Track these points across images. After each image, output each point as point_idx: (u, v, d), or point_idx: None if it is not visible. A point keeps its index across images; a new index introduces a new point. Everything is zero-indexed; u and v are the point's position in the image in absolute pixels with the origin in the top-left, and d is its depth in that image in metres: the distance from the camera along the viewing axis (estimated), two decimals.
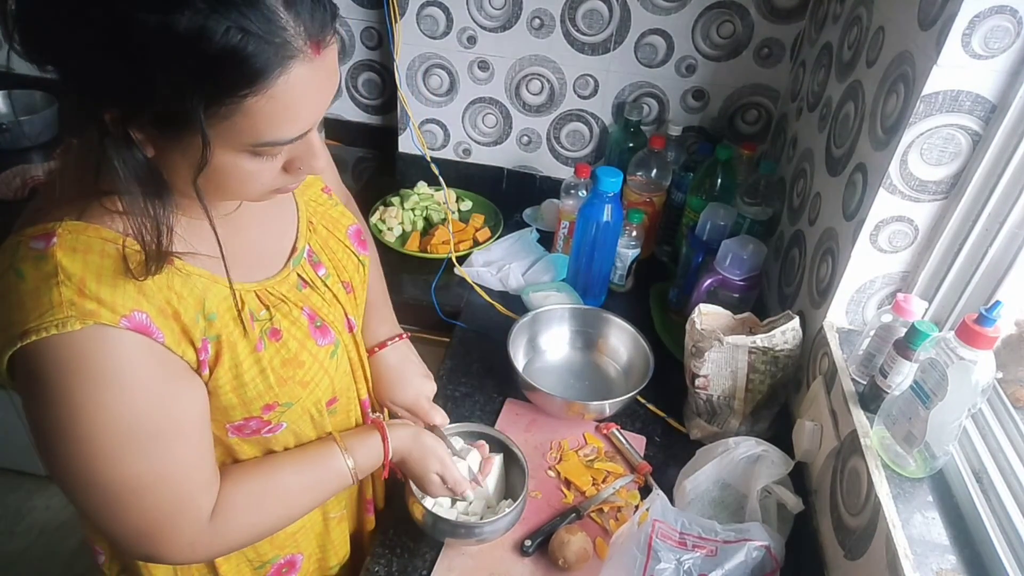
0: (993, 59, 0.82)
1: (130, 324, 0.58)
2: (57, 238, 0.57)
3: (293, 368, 0.72)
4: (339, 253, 0.84)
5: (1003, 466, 0.81)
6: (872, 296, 1.03)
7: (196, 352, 0.64)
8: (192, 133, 0.53)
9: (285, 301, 0.73)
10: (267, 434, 0.75)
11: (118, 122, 0.53)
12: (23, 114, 1.82)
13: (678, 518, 0.88)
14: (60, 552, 1.93)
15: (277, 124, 0.55)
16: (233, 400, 0.69)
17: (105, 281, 0.57)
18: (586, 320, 1.28)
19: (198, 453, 0.67)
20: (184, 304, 0.63)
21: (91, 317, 0.56)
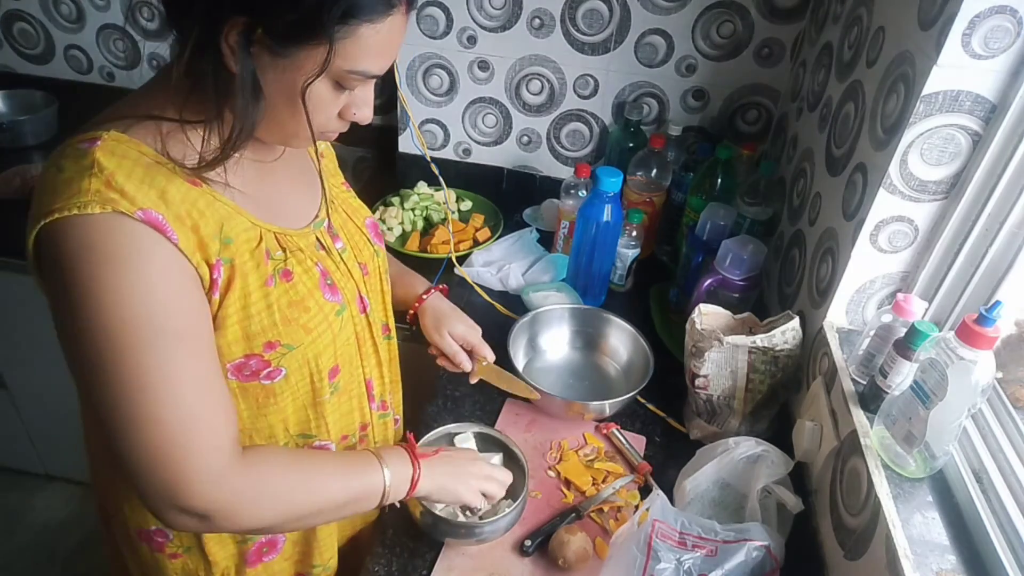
0: (993, 59, 0.82)
1: (145, 217, 0.61)
2: (101, 142, 0.62)
3: (299, 311, 0.74)
4: (356, 237, 0.88)
5: (1003, 466, 0.81)
6: (872, 296, 1.03)
7: (210, 269, 0.66)
8: (313, 46, 0.61)
9: (302, 251, 0.76)
10: (266, 380, 0.75)
11: (243, 30, 0.59)
12: (23, 114, 1.82)
13: (678, 518, 0.88)
14: (60, 552, 1.93)
15: (372, 57, 0.65)
16: (237, 333, 0.70)
17: (132, 179, 0.61)
18: (586, 320, 1.28)
19: (211, 368, 0.67)
20: (204, 221, 0.66)
21: (111, 204, 0.60)
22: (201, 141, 0.65)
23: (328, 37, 0.60)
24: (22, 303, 1.60)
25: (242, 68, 0.61)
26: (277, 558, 0.89)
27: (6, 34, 1.88)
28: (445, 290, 1.09)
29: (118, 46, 1.84)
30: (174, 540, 0.82)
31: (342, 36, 0.61)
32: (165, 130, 0.65)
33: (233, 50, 0.60)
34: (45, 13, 1.82)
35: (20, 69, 1.94)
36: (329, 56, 0.61)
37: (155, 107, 0.66)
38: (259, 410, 0.77)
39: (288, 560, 0.90)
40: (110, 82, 1.90)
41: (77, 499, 2.04)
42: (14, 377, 1.78)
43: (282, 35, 0.60)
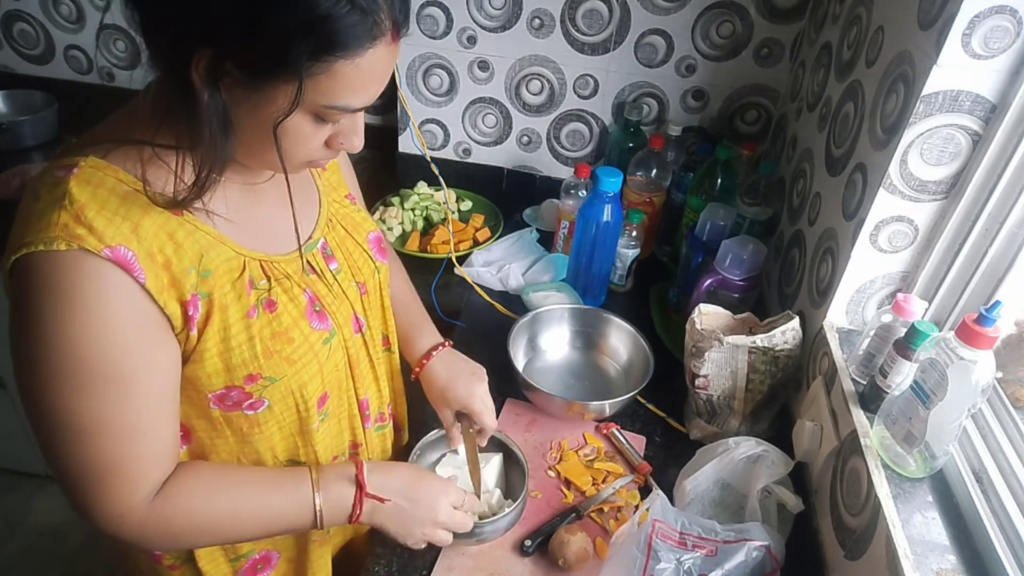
0: (993, 59, 0.82)
1: (112, 255, 0.59)
2: (77, 169, 0.61)
3: (282, 343, 0.72)
4: (355, 254, 0.85)
5: (1003, 466, 0.81)
6: (872, 296, 1.03)
7: (183, 307, 0.65)
8: (283, 82, 0.58)
9: (288, 278, 0.74)
10: (249, 410, 0.74)
11: (211, 62, 0.57)
12: (23, 114, 1.82)
13: (678, 518, 0.88)
14: (60, 552, 1.93)
15: (351, 92, 0.61)
16: (218, 365, 0.69)
17: (103, 213, 0.60)
18: (586, 320, 1.28)
19: (155, 418, 0.67)
20: (180, 254, 0.64)
21: (76, 240, 0.58)
22: (176, 168, 0.63)
23: (297, 74, 0.57)
24: None
25: (210, 102, 0.58)
26: (272, 574, 0.89)
27: (6, 34, 1.88)
28: (447, 345, 1.02)
29: (118, 46, 1.84)
30: (171, 553, 0.82)
31: (315, 72, 0.58)
32: (146, 156, 0.63)
33: (202, 80, 0.57)
34: (45, 13, 1.82)
35: (20, 69, 1.94)
36: (299, 94, 0.58)
37: (136, 130, 0.64)
38: (244, 438, 0.77)
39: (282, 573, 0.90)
40: (110, 82, 1.90)
41: None
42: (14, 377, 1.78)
43: (249, 69, 0.58)
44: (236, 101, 0.60)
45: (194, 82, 0.57)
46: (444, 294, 1.43)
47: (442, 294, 1.42)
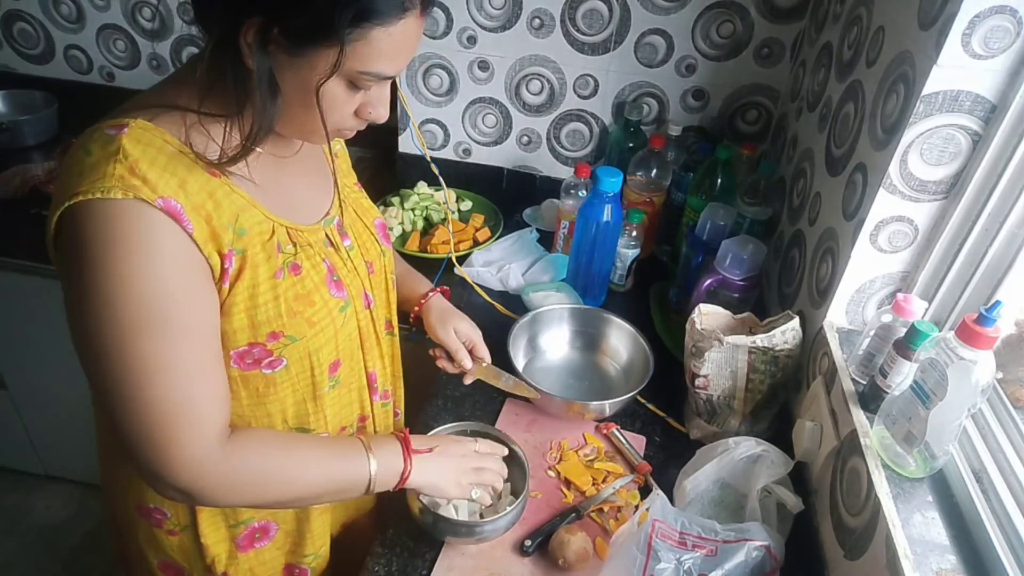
0: (993, 59, 0.82)
1: (165, 205, 0.63)
2: (128, 129, 0.64)
3: (304, 304, 0.76)
4: (364, 236, 0.90)
5: (1003, 466, 0.81)
6: (872, 296, 1.03)
7: (222, 259, 0.68)
8: (325, 47, 0.63)
9: (311, 246, 0.78)
10: (267, 369, 0.77)
11: (260, 29, 0.61)
12: (23, 114, 1.82)
13: (678, 518, 0.88)
14: (60, 552, 1.93)
15: (385, 59, 0.66)
16: (244, 321, 0.72)
17: (154, 168, 0.64)
18: (586, 320, 1.28)
19: (208, 359, 0.70)
20: (219, 211, 0.68)
21: (133, 191, 0.62)
22: (222, 134, 0.68)
23: (339, 39, 0.62)
24: (22, 303, 1.60)
25: (259, 66, 0.63)
26: (269, 546, 0.89)
27: (6, 34, 1.88)
28: (447, 292, 1.10)
29: (118, 46, 1.84)
30: (172, 518, 0.84)
31: (354, 39, 0.63)
32: (189, 121, 0.67)
33: (251, 48, 0.62)
34: (45, 13, 1.82)
35: (20, 69, 1.94)
36: (340, 58, 0.63)
37: (181, 98, 0.68)
38: (259, 399, 0.79)
39: (280, 549, 0.91)
40: (110, 82, 1.90)
41: (77, 499, 2.04)
42: (14, 377, 1.78)
43: (296, 35, 0.62)
44: (280, 67, 0.64)
45: (243, 49, 0.62)
46: None
47: None
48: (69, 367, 1.66)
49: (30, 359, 1.73)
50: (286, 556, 0.92)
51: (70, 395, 1.72)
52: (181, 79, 0.71)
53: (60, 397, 1.75)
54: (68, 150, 0.67)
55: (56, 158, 1.66)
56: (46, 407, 1.82)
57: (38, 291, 1.56)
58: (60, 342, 1.62)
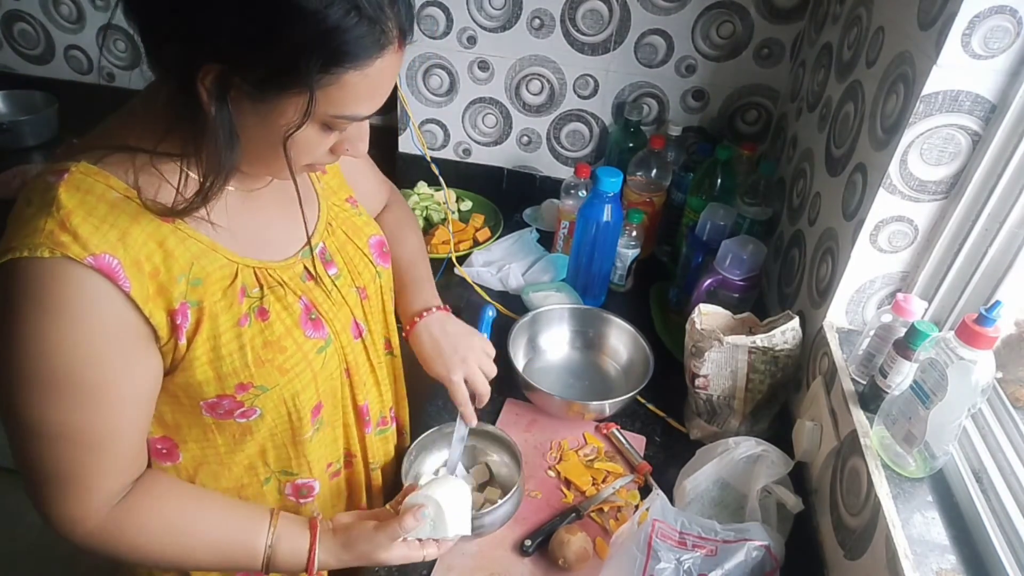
0: (993, 59, 0.82)
1: (96, 263, 0.59)
2: (68, 175, 0.60)
3: (274, 352, 0.72)
4: (356, 259, 0.85)
5: (1003, 466, 0.81)
6: (872, 296, 1.03)
7: (171, 316, 0.64)
8: (293, 94, 0.58)
9: (283, 285, 0.74)
10: (241, 419, 0.74)
11: (218, 76, 0.56)
12: (23, 114, 1.82)
13: (678, 518, 0.88)
14: (60, 552, 1.93)
15: (360, 101, 0.61)
16: (208, 374, 0.68)
17: (90, 220, 0.59)
18: (586, 320, 1.28)
19: (122, 429, 0.66)
20: (169, 262, 0.64)
21: (60, 248, 0.58)
22: (178, 176, 0.63)
23: (308, 87, 0.57)
24: None
25: (217, 116, 0.58)
26: None
27: (6, 34, 1.88)
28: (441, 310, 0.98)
29: (118, 46, 1.84)
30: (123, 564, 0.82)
31: (325, 84, 0.58)
32: (139, 163, 0.62)
33: (209, 94, 0.57)
34: (45, 13, 1.82)
35: (20, 69, 1.94)
36: (310, 107, 0.58)
37: (131, 137, 0.63)
38: (236, 445, 0.77)
39: None
40: (110, 82, 1.90)
41: None
42: None
43: (259, 82, 0.57)
44: (243, 113, 0.60)
45: (200, 95, 0.57)
46: (444, 294, 1.40)
47: (442, 294, 1.41)
48: None
49: None
50: None
51: None
52: (131, 115, 0.66)
53: None
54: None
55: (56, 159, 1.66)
56: None
57: None
58: None
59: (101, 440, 0.65)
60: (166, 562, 0.75)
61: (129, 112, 0.67)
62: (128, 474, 0.70)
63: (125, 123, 0.66)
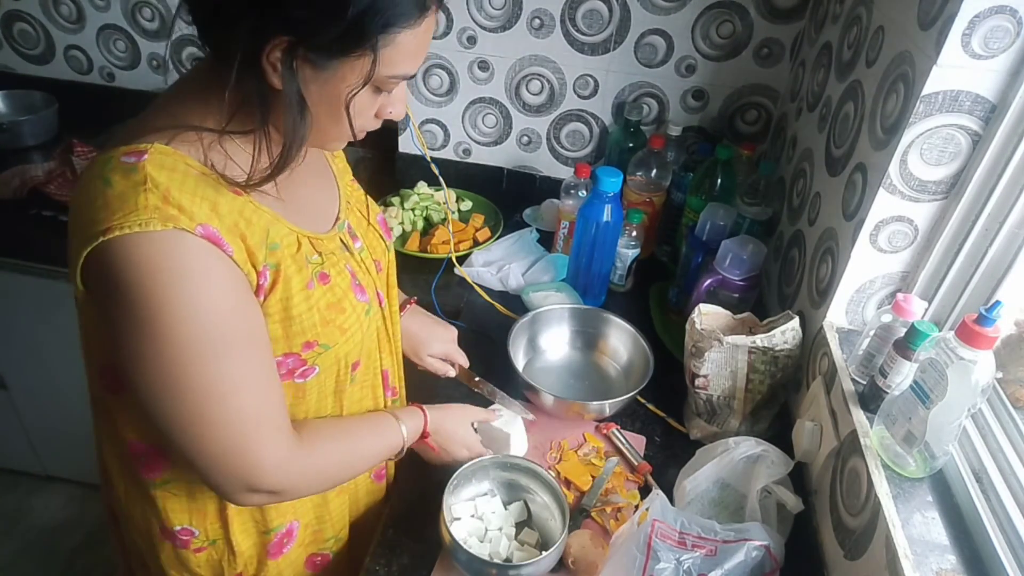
0: (993, 59, 0.82)
1: (204, 233, 0.63)
2: (148, 155, 0.62)
3: (336, 312, 0.77)
4: (369, 236, 0.90)
5: (1003, 466, 0.81)
6: (872, 296, 1.03)
7: (257, 275, 0.69)
8: (355, 58, 0.62)
9: (333, 253, 0.79)
10: (299, 378, 0.78)
11: (286, 50, 0.60)
12: (23, 114, 1.82)
13: (678, 518, 0.88)
14: (60, 552, 1.93)
15: (409, 60, 0.66)
16: (278, 332, 0.72)
17: (185, 193, 0.63)
18: (586, 320, 1.28)
19: (268, 367, 0.71)
20: (251, 230, 0.68)
21: (172, 221, 0.61)
22: (253, 153, 0.66)
23: (372, 48, 0.62)
24: (22, 303, 1.60)
25: (288, 86, 0.62)
26: (294, 546, 0.90)
27: (6, 34, 1.88)
28: (413, 301, 1.11)
29: (118, 46, 1.84)
30: (199, 536, 0.84)
31: (383, 45, 0.62)
32: (206, 141, 0.66)
33: (275, 67, 0.60)
34: (45, 13, 1.82)
35: (20, 69, 1.93)
36: (374, 66, 0.63)
37: (194, 117, 0.66)
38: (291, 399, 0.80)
39: (301, 545, 0.91)
40: (110, 82, 1.90)
41: (77, 500, 2.04)
42: (14, 377, 1.78)
43: (325, 50, 0.61)
44: (306, 81, 0.63)
45: (266, 70, 0.61)
46: (444, 294, 1.43)
47: (442, 294, 1.43)
48: (69, 367, 1.66)
49: (30, 359, 1.73)
50: (307, 548, 0.93)
51: (70, 395, 1.72)
52: (187, 96, 0.69)
53: (60, 397, 1.75)
54: (80, 182, 0.65)
55: (56, 158, 1.65)
56: (46, 407, 1.82)
57: (38, 291, 1.56)
58: (60, 342, 1.64)
59: (268, 377, 0.71)
60: (345, 476, 0.85)
61: (181, 95, 0.70)
62: (287, 407, 0.75)
63: (180, 105, 0.68)
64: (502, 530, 0.92)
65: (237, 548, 0.85)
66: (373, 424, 0.88)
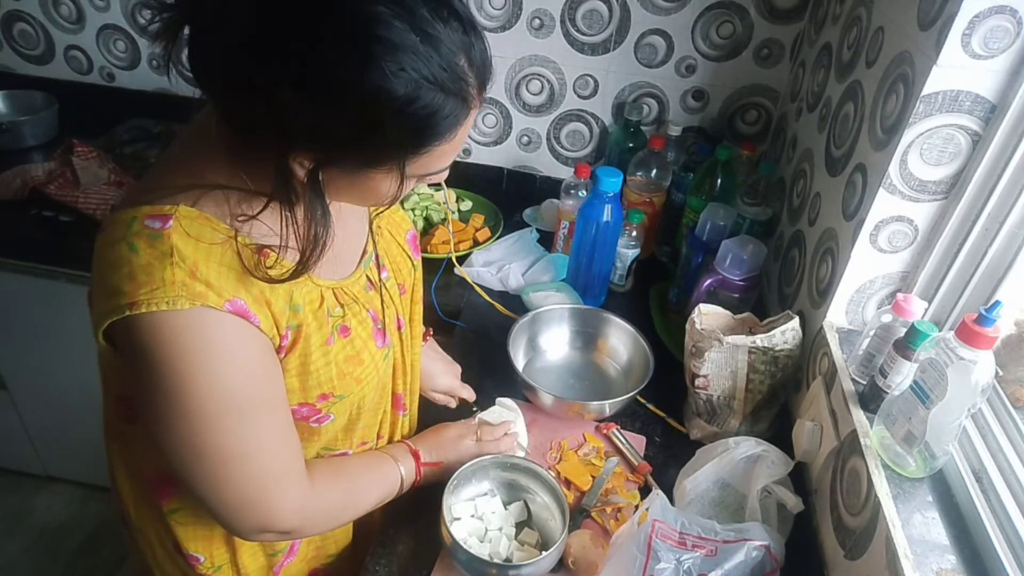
0: (993, 59, 0.82)
1: (232, 308, 0.63)
2: (173, 220, 0.60)
3: (354, 365, 0.77)
4: (397, 257, 0.89)
5: (1003, 466, 0.81)
6: (872, 296, 1.03)
7: (280, 338, 0.69)
8: (384, 172, 0.61)
9: (356, 301, 0.78)
10: (314, 424, 0.78)
11: (313, 161, 0.58)
12: (23, 114, 1.82)
13: (678, 518, 0.88)
14: (60, 552, 1.93)
15: (445, 159, 0.64)
16: (295, 385, 0.73)
17: (212, 267, 0.62)
18: (586, 320, 1.28)
19: (289, 423, 0.73)
20: (275, 295, 0.67)
21: (199, 299, 0.60)
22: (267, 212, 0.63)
23: (400, 170, 0.60)
24: (22, 303, 1.60)
25: (311, 199, 0.61)
26: (295, 560, 0.91)
27: (6, 34, 1.88)
28: (429, 333, 1.10)
29: (118, 46, 1.84)
30: (204, 563, 0.84)
31: (414, 159, 0.61)
32: (233, 201, 0.64)
33: (302, 166, 0.59)
34: (45, 14, 1.82)
35: (20, 69, 1.94)
36: (401, 184, 0.62)
37: (221, 177, 0.63)
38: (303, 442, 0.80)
39: (303, 560, 0.92)
40: (110, 82, 1.90)
41: (78, 500, 2.05)
42: (14, 377, 1.78)
43: (352, 167, 0.60)
44: (334, 181, 0.62)
45: (293, 169, 0.59)
46: (444, 294, 1.43)
47: (442, 294, 1.43)
48: (69, 367, 1.67)
49: (30, 359, 1.73)
50: (309, 563, 0.94)
51: (70, 395, 1.72)
52: (213, 151, 0.65)
53: (60, 397, 1.75)
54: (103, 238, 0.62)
55: (56, 159, 1.65)
56: (46, 407, 1.82)
57: (38, 291, 1.56)
58: (60, 342, 1.64)
59: (286, 432, 0.72)
60: (350, 516, 0.88)
61: (204, 148, 0.66)
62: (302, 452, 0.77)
63: (210, 160, 0.65)
64: (502, 530, 0.92)
65: (244, 571, 0.86)
66: (374, 466, 0.89)
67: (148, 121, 1.87)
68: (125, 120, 1.86)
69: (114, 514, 0.93)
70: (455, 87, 0.57)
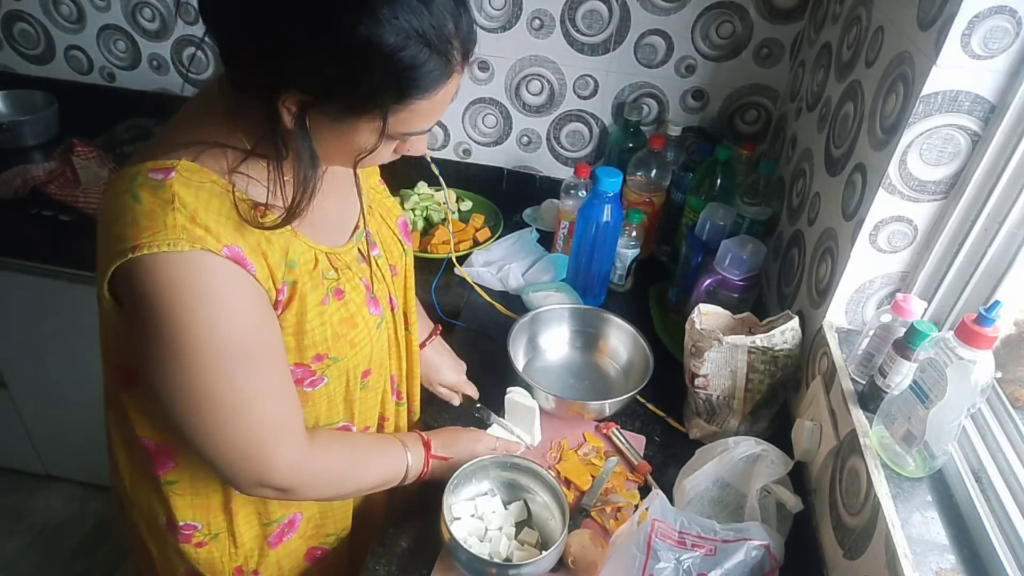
0: (992, 59, 0.82)
1: (230, 254, 0.65)
2: (175, 172, 0.64)
3: (348, 327, 0.79)
4: (388, 239, 0.92)
5: (1002, 466, 0.82)
6: (871, 296, 1.03)
7: (276, 292, 0.71)
8: (367, 120, 0.64)
9: (349, 268, 0.81)
10: (308, 387, 0.80)
11: (300, 105, 0.62)
12: (23, 114, 1.82)
13: (677, 517, 0.88)
14: (60, 552, 1.94)
15: (425, 119, 0.67)
16: (291, 343, 0.75)
17: (212, 215, 0.64)
18: (586, 320, 1.28)
19: (286, 377, 0.75)
20: (271, 248, 0.70)
21: (199, 242, 0.62)
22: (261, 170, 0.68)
23: (383, 117, 0.63)
24: (22, 303, 1.60)
25: (299, 141, 0.64)
26: (294, 536, 0.92)
27: (6, 34, 1.88)
28: (438, 330, 1.15)
29: (118, 46, 1.84)
30: (202, 530, 0.85)
31: (396, 111, 0.64)
32: (231, 158, 0.67)
33: (290, 112, 0.62)
34: (45, 13, 1.82)
35: (20, 69, 1.94)
36: (383, 131, 0.65)
37: (219, 134, 0.67)
38: None
39: (302, 537, 0.93)
40: (110, 82, 1.90)
41: (78, 499, 2.05)
42: (14, 377, 1.78)
43: (338, 111, 0.63)
44: (320, 130, 0.65)
45: (282, 115, 0.62)
46: (444, 294, 1.43)
47: (442, 294, 1.43)
48: (69, 367, 1.67)
49: (30, 359, 1.73)
50: (308, 541, 0.95)
51: (70, 395, 1.72)
52: (215, 112, 0.69)
53: (60, 397, 1.76)
54: (108, 194, 0.66)
55: (57, 158, 1.65)
56: (46, 407, 1.82)
57: (38, 291, 1.56)
58: (60, 342, 1.64)
59: (284, 386, 0.74)
60: (351, 487, 0.88)
61: (200, 113, 0.71)
62: (302, 411, 0.78)
63: (206, 121, 0.69)
64: (502, 530, 0.92)
65: (239, 540, 0.87)
66: (380, 445, 0.91)
67: (148, 121, 1.87)
68: (125, 120, 1.86)
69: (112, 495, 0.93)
70: (441, 47, 0.61)
